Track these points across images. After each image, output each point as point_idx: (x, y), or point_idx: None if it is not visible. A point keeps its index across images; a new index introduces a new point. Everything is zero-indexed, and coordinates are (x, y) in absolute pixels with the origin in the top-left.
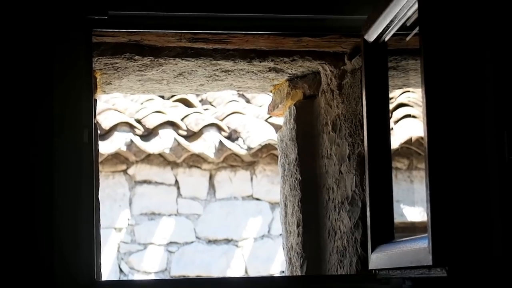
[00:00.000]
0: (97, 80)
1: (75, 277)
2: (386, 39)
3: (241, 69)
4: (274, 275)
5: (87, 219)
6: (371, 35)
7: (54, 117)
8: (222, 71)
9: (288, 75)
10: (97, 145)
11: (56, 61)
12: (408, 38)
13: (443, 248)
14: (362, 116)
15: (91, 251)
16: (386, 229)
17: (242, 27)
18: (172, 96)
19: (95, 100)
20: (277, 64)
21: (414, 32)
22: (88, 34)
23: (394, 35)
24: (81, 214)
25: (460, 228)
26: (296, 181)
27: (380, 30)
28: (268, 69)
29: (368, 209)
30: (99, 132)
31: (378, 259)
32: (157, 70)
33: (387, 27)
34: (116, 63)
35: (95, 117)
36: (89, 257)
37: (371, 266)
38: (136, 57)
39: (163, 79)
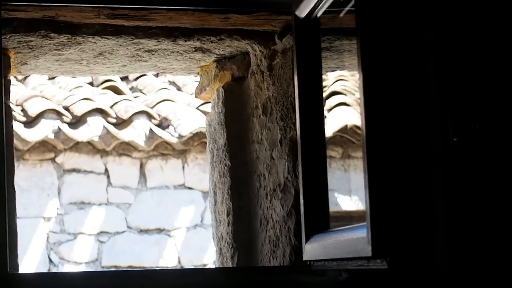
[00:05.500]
0: (11, 59)
1: None
2: (319, 15)
3: (165, 49)
4: (205, 267)
5: None
6: (303, 10)
7: None
8: (145, 51)
9: (216, 55)
10: (10, 127)
11: None
12: (341, 15)
13: (383, 238)
14: (294, 98)
15: (2, 242)
16: (321, 217)
17: (164, 2)
18: (102, 83)
19: (8, 80)
20: (204, 44)
21: (348, 8)
22: None
23: (327, 11)
24: None
25: (402, 216)
26: (226, 167)
27: (312, 5)
28: (194, 49)
29: (301, 196)
30: (25, 119)
31: (313, 249)
32: (75, 49)
33: (319, 1)
34: (31, 41)
35: (8, 98)
36: (0, 249)
37: (306, 257)
38: (52, 34)
39: (82, 59)
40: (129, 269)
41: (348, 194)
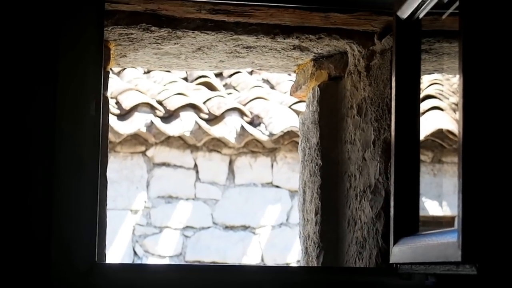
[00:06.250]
0: (111, 51)
1: (73, 259)
2: (421, 16)
3: (264, 46)
4: (290, 265)
5: (90, 197)
6: (405, 11)
7: (59, 87)
8: (244, 47)
9: (313, 54)
10: (106, 119)
11: (64, 28)
12: (444, 17)
13: (475, 243)
14: (390, 99)
15: (92, 232)
16: (410, 220)
17: None
18: (196, 79)
19: (107, 72)
20: (302, 42)
21: (451, 10)
22: (100, 0)
23: (429, 13)
24: (84, 192)
25: (494, 222)
26: (317, 166)
27: (415, 5)
28: (292, 47)
29: (392, 198)
30: (119, 112)
31: (401, 252)
32: (174, 43)
33: (422, 2)
34: (132, 33)
35: (106, 89)
36: (90, 238)
37: (393, 259)
38: (153, 28)
39: (181, 54)
40: (213, 264)
41: (437, 199)
